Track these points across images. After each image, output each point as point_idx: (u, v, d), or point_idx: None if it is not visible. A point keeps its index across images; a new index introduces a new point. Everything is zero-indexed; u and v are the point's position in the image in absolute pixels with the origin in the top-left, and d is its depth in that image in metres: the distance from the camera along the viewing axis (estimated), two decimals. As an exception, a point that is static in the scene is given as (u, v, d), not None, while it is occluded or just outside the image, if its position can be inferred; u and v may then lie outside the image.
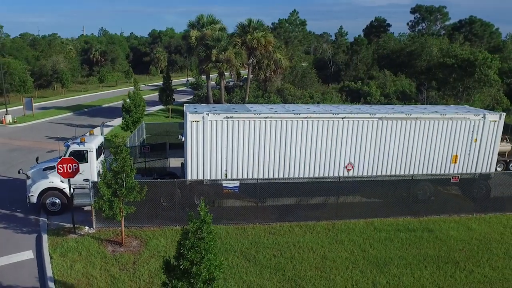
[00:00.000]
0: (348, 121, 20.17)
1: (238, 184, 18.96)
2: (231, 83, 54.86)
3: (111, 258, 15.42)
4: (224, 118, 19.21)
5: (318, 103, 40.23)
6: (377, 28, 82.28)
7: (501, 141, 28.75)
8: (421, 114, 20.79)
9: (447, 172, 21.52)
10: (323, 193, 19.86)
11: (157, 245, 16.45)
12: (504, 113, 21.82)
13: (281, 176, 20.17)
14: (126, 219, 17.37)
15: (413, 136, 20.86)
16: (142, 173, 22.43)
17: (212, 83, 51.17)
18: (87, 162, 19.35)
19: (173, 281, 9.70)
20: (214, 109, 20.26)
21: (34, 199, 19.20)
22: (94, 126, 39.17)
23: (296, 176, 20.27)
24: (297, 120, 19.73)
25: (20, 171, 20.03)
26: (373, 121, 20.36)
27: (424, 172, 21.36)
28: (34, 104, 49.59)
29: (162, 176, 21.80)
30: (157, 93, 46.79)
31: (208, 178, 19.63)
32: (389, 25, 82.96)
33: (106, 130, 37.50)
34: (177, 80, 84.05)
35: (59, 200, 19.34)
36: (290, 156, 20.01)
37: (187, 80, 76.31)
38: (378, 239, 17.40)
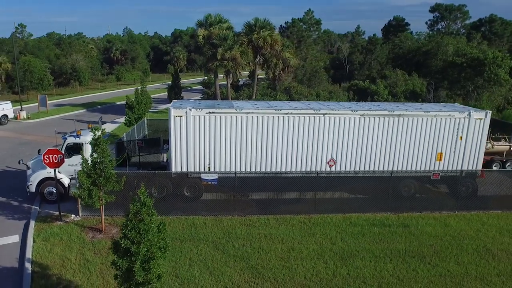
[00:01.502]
0: (330, 117, 20.49)
1: (216, 177, 19.57)
2: (241, 82, 55.51)
3: (88, 244, 16.30)
4: (206, 113, 19.86)
5: (324, 101, 40.40)
6: (396, 27, 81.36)
7: (499, 140, 28.55)
8: (404, 111, 20.91)
9: (432, 169, 21.57)
10: (303, 188, 20.26)
11: (134, 233, 17.22)
12: (490, 111, 21.66)
13: (263, 170, 20.67)
14: (110, 208, 18.32)
15: (396, 133, 20.99)
16: (137, 166, 23.35)
17: (222, 82, 51.96)
18: (82, 154, 20.35)
19: (115, 259, 10.42)
20: (198, 105, 20.93)
21: (33, 188, 20.34)
22: (104, 122, 40.57)
23: (279, 170, 20.74)
24: (278, 116, 20.20)
25: (21, 161, 21.26)
26: (354, 117, 20.62)
27: (409, 169, 21.46)
28: (51, 101, 51.71)
29: (155, 169, 22.65)
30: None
31: (192, 171, 20.34)
32: (407, 24, 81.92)
33: (114, 126, 38.86)
34: (196, 79, 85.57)
35: (55, 190, 20.39)
36: (272, 151, 20.49)
37: (204, 79, 77.48)
38: (350, 233, 17.70)
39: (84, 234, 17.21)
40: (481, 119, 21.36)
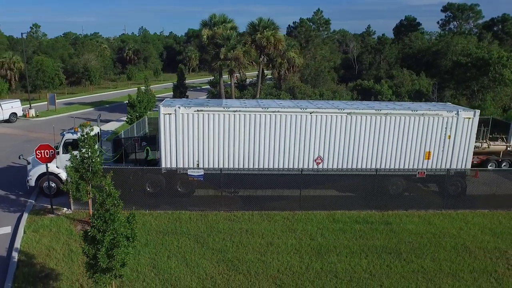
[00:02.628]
0: (316, 115, 20.79)
1: (202, 173, 20.05)
2: (248, 81, 55.98)
3: (75, 235, 16.96)
4: (195, 111, 20.38)
5: (327, 100, 40.52)
6: (407, 27, 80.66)
7: (496, 140, 28.39)
8: (391, 110, 21.08)
9: (420, 168, 21.67)
10: (289, 185, 20.59)
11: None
12: (479, 111, 21.65)
13: (251, 167, 21.08)
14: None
15: (384, 132, 21.16)
16: (134, 163, 23.98)
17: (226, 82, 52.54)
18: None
19: (84, 246, 11.01)
20: (187, 103, 21.47)
21: (32, 183, 21.18)
22: (109, 121, 41.61)
23: (266, 167, 21.12)
24: (265, 114, 20.59)
25: (21, 156, 22.13)
26: (341, 116, 20.88)
27: (397, 167, 21.62)
28: (62, 100, 53.08)
29: (151, 166, 23.27)
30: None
31: (181, 167, 20.88)
32: (419, 24, 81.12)
33: (119, 124, 39.76)
34: (206, 79, 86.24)
35: (54, 184, 21.16)
36: (259, 148, 20.89)
37: (211, 78, 78.21)
38: (331, 229, 17.99)
39: (73, 226, 17.90)
40: (470, 118, 21.38)
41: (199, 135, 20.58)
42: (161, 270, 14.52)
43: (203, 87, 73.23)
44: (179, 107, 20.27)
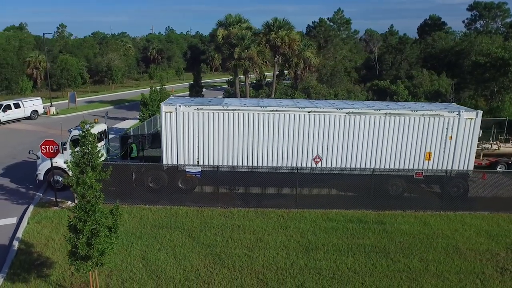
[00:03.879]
0: (315, 115, 20.96)
1: (199, 170, 20.55)
2: (265, 81, 56.33)
3: (75, 227, 17.72)
4: (195, 109, 20.90)
5: (329, 100, 40.42)
6: (431, 26, 79.18)
7: (508, 142, 27.80)
8: (390, 110, 21.03)
9: (421, 168, 21.53)
10: (285, 183, 20.81)
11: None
12: (481, 111, 21.31)
13: (250, 164, 21.44)
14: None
15: (383, 132, 21.13)
16: (140, 159, 24.74)
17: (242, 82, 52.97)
18: (85, 146, 22.00)
19: (66, 235, 11.66)
20: (188, 102, 22.01)
21: (41, 177, 22.19)
22: (125, 119, 42.79)
23: (265, 165, 21.44)
24: (263, 113, 20.91)
25: (31, 151, 23.16)
26: (340, 115, 20.98)
27: (396, 168, 21.54)
28: (84, 98, 54.79)
29: (156, 162, 24.00)
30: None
31: (182, 164, 21.44)
32: (444, 23, 79.49)
33: (134, 122, 40.80)
34: (227, 78, 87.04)
35: (61, 178, 22.10)
36: (258, 146, 21.22)
37: (229, 78, 78.90)
38: (324, 228, 18.16)
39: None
40: (472, 119, 21.09)
41: (199, 133, 21.08)
42: (149, 262, 15.07)
43: (223, 86, 73.98)
44: (179, 106, 20.82)
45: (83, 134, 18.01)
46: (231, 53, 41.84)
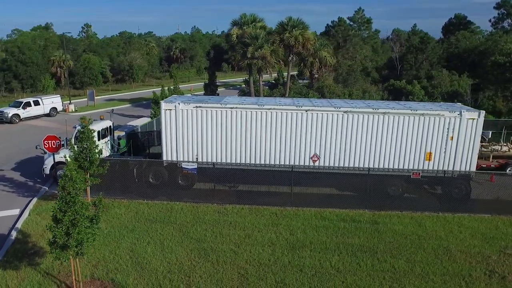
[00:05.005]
0: (312, 113, 20.98)
1: (195, 166, 20.90)
2: (282, 81, 56.38)
3: (72, 219, 18.36)
4: (193, 107, 21.26)
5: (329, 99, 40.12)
6: (456, 26, 77.27)
7: (518, 143, 27.03)
8: (389, 109, 20.83)
9: (421, 169, 21.24)
10: (283, 181, 20.89)
11: (115, 212, 19.13)
12: (484, 112, 20.82)
13: (248, 162, 21.64)
14: (103, 190, 20.28)
15: (382, 131, 20.96)
16: (144, 155, 25.33)
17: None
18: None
19: (48, 224, 12.18)
20: (188, 100, 22.39)
21: (47, 171, 23.04)
22: (140, 116, 43.69)
23: (263, 163, 21.59)
24: (261, 111, 21.08)
25: (37, 146, 24.07)
26: (337, 114, 20.93)
27: (396, 168, 21.32)
28: (104, 96, 56.24)
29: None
30: (220, 89, 50.34)
31: (177, 160, 21.81)
32: (470, 22, 77.41)
33: (148, 119, 41.61)
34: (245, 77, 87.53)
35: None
36: (255, 144, 21.41)
37: (245, 78, 79.23)
38: (315, 226, 18.17)
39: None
40: (474, 119, 20.67)
41: (198, 130, 21.42)
42: (137, 254, 15.49)
43: (242, 86, 74.42)
44: (179, 103, 21.23)
45: (81, 130, 18.80)
46: (244, 52, 42.17)
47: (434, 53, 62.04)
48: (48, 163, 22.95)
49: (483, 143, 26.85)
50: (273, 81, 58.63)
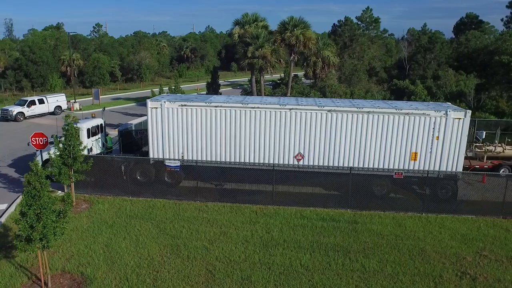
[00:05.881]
0: (296, 112, 21.00)
1: (178, 164, 21.11)
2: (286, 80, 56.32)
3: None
4: (179, 106, 21.49)
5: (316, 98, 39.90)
6: (467, 25, 76.02)
7: (514, 144, 26.53)
8: (374, 108, 20.72)
9: (406, 169, 21.08)
10: (265, 180, 20.94)
11: (98, 208, 19.49)
12: (470, 111, 20.53)
13: (233, 160, 21.78)
14: (90, 187, 20.86)
15: (366, 130, 20.86)
16: (134, 153, 25.66)
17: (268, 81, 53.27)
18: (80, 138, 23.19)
19: (15, 218, 12.53)
20: (174, 98, 22.63)
21: None
22: (143, 115, 44.11)
23: (247, 161, 21.69)
24: (245, 110, 21.18)
25: (29, 143, 24.61)
26: (321, 113, 20.90)
27: (381, 167, 21.19)
28: (112, 95, 57.06)
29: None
30: (228, 89, 50.62)
31: (167, 158, 22.09)
32: (481, 22, 76.05)
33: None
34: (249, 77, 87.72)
35: None
36: (240, 142, 21.53)
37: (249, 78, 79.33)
38: (292, 225, 18.20)
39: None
40: (460, 119, 20.41)
41: (183, 128, 21.65)
42: (111, 249, 15.77)
43: (245, 85, 74.71)
44: (164, 102, 21.48)
45: (66, 128, 19.19)
46: (245, 51, 42.33)
47: (442, 52, 61.19)
48: (39, 159, 23.46)
49: (477, 144, 26.50)
50: (277, 81, 58.62)
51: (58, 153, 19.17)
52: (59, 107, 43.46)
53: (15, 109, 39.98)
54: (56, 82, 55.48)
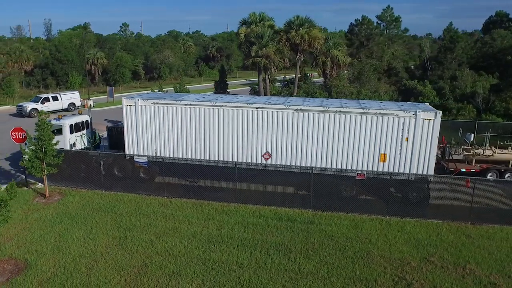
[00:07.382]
0: (263, 111, 21.12)
1: (146, 160, 21.70)
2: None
3: (30, 204, 19.90)
4: (151, 103, 22.11)
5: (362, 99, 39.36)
6: (497, 23, 72.84)
7: (506, 148, 25.44)
8: (341, 108, 20.51)
9: (375, 170, 20.74)
10: (228, 177, 21.15)
11: (68, 200, 20.45)
12: (441, 112, 19.89)
13: (203, 158, 22.16)
14: (67, 180, 21.91)
15: (333, 130, 20.69)
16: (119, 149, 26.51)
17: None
18: (62, 134, 24.31)
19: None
20: (148, 96, 23.28)
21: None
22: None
23: (216, 159, 22.02)
24: (213, 108, 21.51)
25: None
26: (288, 112, 20.92)
27: (349, 168, 20.94)
28: (130, 93, 58.67)
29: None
30: (245, 88, 51.31)
31: (142, 154, 22.75)
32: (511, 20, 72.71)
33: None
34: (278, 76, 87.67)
35: None
36: (209, 140, 21.88)
37: (284, 77, 79.14)
38: (246, 223, 18.34)
39: (32, 197, 20.86)
40: (430, 119, 19.86)
41: (156, 125, 22.25)
42: (62, 239, 16.55)
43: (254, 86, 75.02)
44: (138, 100, 22.16)
45: (38, 123, 20.22)
46: (249, 51, 42.65)
47: (464, 52, 59.05)
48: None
49: (465, 147, 25.60)
50: (288, 80, 58.47)
51: (32, 147, 20.22)
52: (72, 104, 45.35)
53: (29, 106, 42.10)
54: (75, 80, 57.85)
